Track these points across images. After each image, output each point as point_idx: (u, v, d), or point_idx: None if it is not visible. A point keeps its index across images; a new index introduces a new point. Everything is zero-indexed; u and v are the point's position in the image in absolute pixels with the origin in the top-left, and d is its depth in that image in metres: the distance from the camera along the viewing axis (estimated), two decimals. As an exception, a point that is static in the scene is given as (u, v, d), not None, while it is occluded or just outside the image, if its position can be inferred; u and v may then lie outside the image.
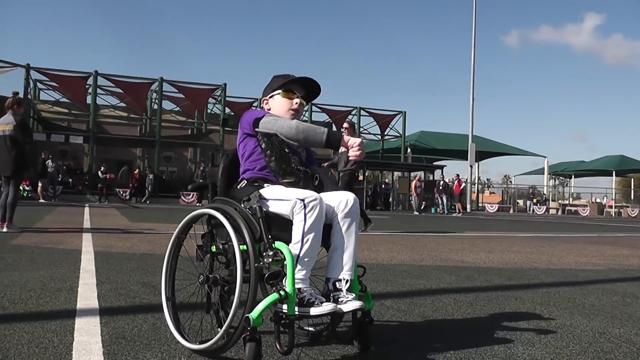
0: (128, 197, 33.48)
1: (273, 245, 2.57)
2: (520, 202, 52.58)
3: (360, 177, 41.50)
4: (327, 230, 2.77)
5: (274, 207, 2.70)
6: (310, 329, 3.10)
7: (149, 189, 33.56)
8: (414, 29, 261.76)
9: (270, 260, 2.53)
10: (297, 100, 3.09)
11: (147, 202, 32.54)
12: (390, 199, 41.01)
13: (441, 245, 9.85)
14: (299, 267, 2.57)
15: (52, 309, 3.70)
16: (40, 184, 27.89)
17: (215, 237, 2.92)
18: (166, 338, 3.00)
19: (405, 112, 48.58)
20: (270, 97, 3.13)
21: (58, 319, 3.39)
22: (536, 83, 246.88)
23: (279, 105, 3.09)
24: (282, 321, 2.49)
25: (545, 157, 57.48)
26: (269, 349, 2.78)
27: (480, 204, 49.33)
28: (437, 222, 20.61)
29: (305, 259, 2.60)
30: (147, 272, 5.33)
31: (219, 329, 2.60)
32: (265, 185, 2.84)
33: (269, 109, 3.14)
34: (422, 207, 35.21)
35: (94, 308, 3.75)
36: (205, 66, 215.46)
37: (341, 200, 2.77)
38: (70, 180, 36.37)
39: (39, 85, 43.40)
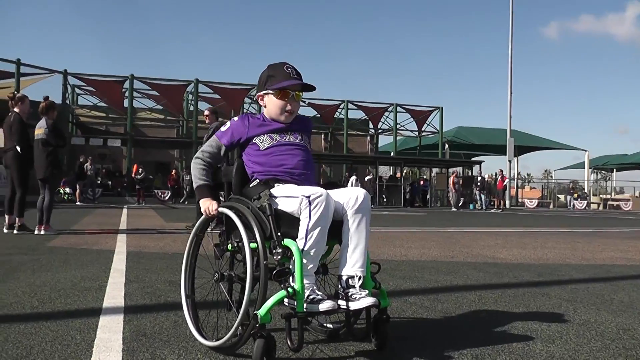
0: (166, 198, 33.83)
1: (282, 242, 2.60)
2: (561, 197, 51.84)
3: (398, 174, 41.40)
4: (340, 226, 2.79)
5: (282, 205, 2.72)
6: (329, 325, 3.11)
7: (187, 189, 33.86)
8: (450, 22, 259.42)
9: (279, 257, 2.56)
10: (290, 102, 3.06)
11: (186, 202, 32.83)
12: (428, 196, 40.82)
13: (474, 241, 9.79)
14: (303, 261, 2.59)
15: (78, 307, 3.78)
16: (78, 187, 28.36)
17: (231, 235, 2.95)
18: (185, 335, 3.04)
19: (442, 107, 48.42)
20: (265, 94, 3.12)
21: (83, 317, 3.48)
22: (577, 75, 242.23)
23: (273, 106, 3.08)
24: (293, 318, 2.51)
25: (586, 150, 56.67)
26: (284, 346, 2.80)
27: (520, 200, 48.81)
28: (474, 219, 20.46)
29: (310, 253, 2.62)
30: (175, 271, 5.39)
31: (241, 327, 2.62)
32: (275, 185, 2.86)
33: (264, 106, 3.14)
34: (460, 204, 34.98)
35: (119, 306, 3.82)
36: (239, 65, 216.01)
37: (350, 197, 2.77)
38: (110, 182, 36.95)
39: (77, 90, 44.23)
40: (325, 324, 3.13)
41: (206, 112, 11.75)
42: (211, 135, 11.05)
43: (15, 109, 9.57)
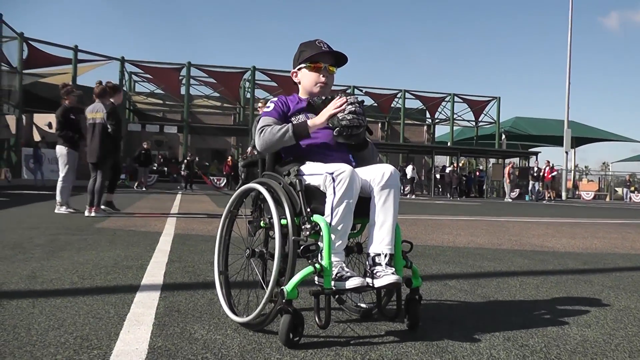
0: (222, 185, 34.25)
1: (312, 218, 2.58)
2: (619, 190, 50.63)
3: (455, 165, 40.97)
4: (368, 204, 2.76)
5: (309, 182, 2.72)
6: (363, 305, 3.09)
7: (242, 176, 34.15)
8: (508, 11, 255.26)
9: (308, 233, 2.54)
10: (324, 73, 3.07)
11: (240, 189, 33.10)
12: (484, 186, 40.33)
13: (524, 230, 9.61)
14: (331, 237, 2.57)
15: (117, 284, 3.83)
16: (139, 173, 28.92)
17: (263, 211, 2.95)
18: (218, 312, 3.05)
19: (499, 97, 47.63)
20: (298, 70, 3.14)
21: (120, 293, 3.52)
22: (637, 66, 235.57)
23: (306, 79, 3.10)
24: (321, 295, 2.50)
25: (643, 142, 55.20)
26: (313, 323, 2.79)
27: (577, 192, 47.86)
28: (526, 209, 20.08)
29: (337, 229, 2.59)
30: (219, 253, 5.41)
31: (271, 304, 2.61)
32: (307, 162, 2.84)
33: (299, 82, 3.16)
34: (515, 195, 34.45)
35: (157, 284, 3.87)
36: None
37: (377, 173, 2.73)
38: (166, 169, 37.53)
39: (134, 77, 44.89)
40: (359, 304, 3.11)
41: (260, 104, 11.95)
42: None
43: (112, 99, 9.91)
